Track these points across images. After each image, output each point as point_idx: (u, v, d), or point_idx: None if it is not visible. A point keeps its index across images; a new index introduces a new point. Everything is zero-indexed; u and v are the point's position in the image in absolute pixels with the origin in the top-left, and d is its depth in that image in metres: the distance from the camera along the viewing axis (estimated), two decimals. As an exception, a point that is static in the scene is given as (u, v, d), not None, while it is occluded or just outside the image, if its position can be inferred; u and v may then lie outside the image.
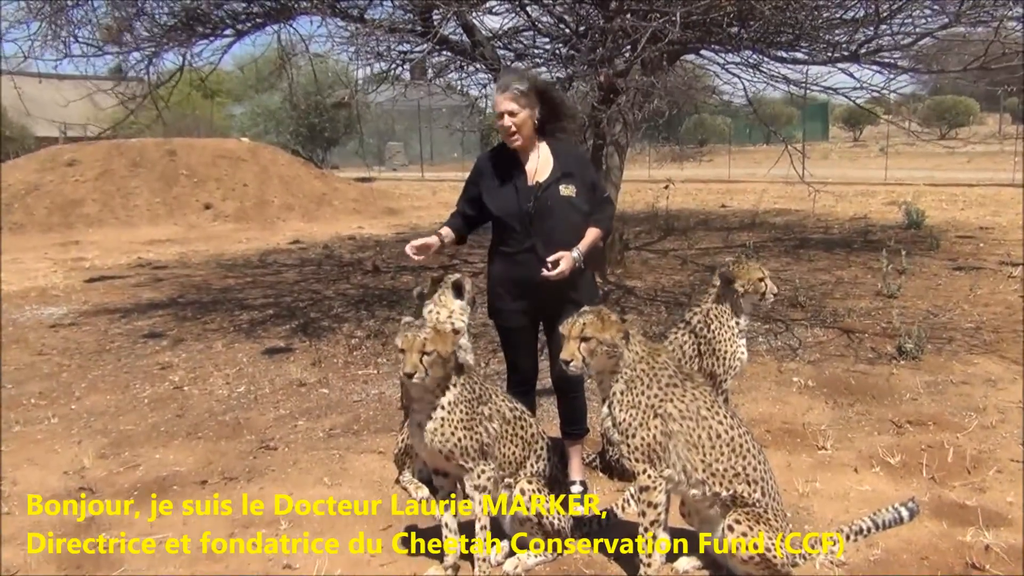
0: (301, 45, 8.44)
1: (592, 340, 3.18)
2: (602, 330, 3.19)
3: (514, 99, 3.83)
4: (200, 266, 11.76)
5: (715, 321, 4.18)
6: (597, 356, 3.20)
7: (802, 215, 14.67)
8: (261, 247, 13.57)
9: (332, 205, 18.07)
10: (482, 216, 4.02)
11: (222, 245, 13.94)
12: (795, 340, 6.76)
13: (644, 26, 6.24)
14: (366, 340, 7.26)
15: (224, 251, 13.24)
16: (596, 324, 3.20)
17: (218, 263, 11.98)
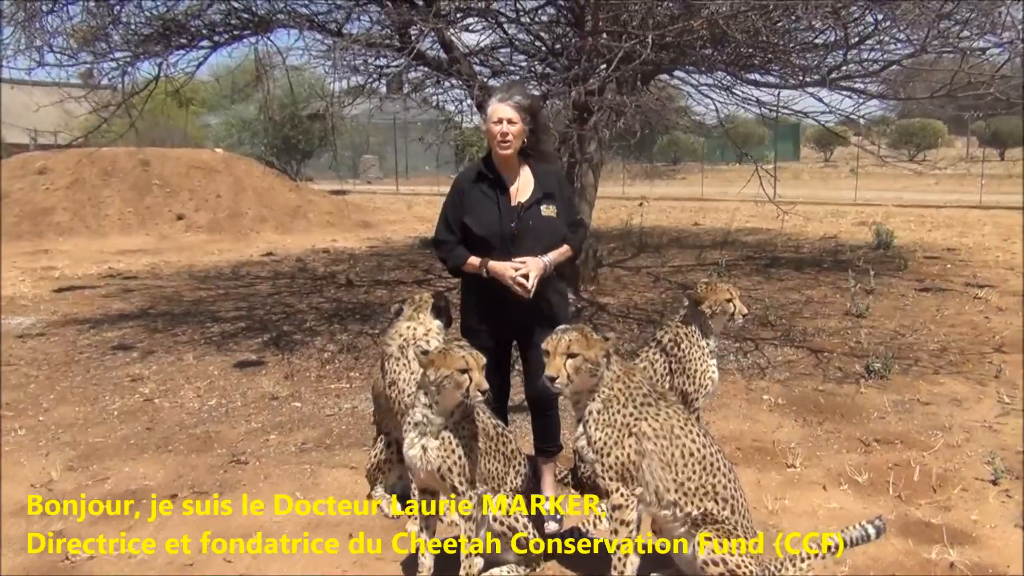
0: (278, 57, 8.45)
1: (578, 357, 3.20)
2: (587, 348, 3.22)
3: (516, 109, 3.86)
4: (172, 277, 11.66)
5: (685, 341, 4.22)
6: (581, 374, 3.22)
7: (773, 234, 14.84)
8: (234, 259, 13.48)
9: (306, 218, 17.99)
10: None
11: (194, 256, 13.83)
12: (765, 359, 6.83)
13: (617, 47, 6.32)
14: (339, 354, 7.23)
15: (196, 262, 13.14)
16: (581, 342, 3.23)
17: (190, 274, 11.88)
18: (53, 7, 7.55)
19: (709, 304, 4.18)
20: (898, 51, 7.44)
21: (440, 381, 3.19)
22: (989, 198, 20.19)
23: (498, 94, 3.97)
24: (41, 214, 16.25)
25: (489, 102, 3.97)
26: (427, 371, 3.24)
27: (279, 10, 7.65)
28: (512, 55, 9.07)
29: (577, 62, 6.90)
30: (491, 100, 3.96)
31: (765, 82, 8.49)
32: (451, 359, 3.20)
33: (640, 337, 7.24)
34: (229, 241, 15.73)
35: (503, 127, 3.85)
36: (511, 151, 3.90)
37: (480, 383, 3.18)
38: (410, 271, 11.64)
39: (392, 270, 11.83)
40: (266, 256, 13.77)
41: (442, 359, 3.22)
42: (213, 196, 17.71)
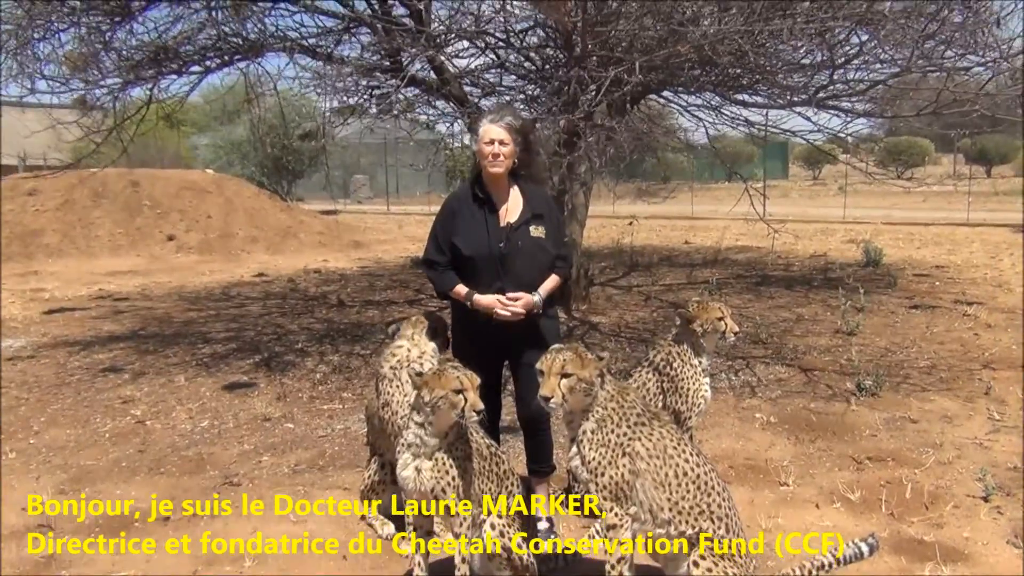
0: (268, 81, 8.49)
1: (573, 377, 3.22)
2: (581, 367, 3.24)
3: (507, 130, 3.92)
4: (162, 298, 11.64)
5: (677, 360, 4.25)
6: (575, 394, 3.24)
7: (763, 252, 14.93)
8: (225, 280, 13.47)
9: (297, 238, 18.01)
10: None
11: (185, 277, 13.81)
12: (756, 377, 6.87)
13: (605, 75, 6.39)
14: (331, 375, 7.23)
15: (187, 283, 13.12)
16: (576, 361, 3.25)
17: (181, 295, 11.87)
18: (44, 34, 7.58)
19: (700, 323, 4.21)
20: (883, 71, 7.54)
21: (435, 402, 3.20)
22: (976, 215, 20.37)
23: (490, 115, 4.03)
24: (31, 236, 16.23)
25: (481, 122, 4.03)
26: (421, 392, 3.25)
27: (270, 35, 7.69)
28: (502, 76, 9.15)
29: (567, 85, 6.97)
30: (483, 120, 4.02)
31: (753, 102, 8.58)
32: (446, 379, 3.22)
33: (632, 356, 7.27)
34: (220, 262, 15.72)
35: (495, 147, 3.90)
36: (502, 170, 3.95)
37: (475, 403, 3.20)
38: (402, 291, 11.65)
39: (384, 290, 11.85)
40: (257, 277, 13.76)
41: (436, 380, 3.24)
42: (204, 217, 17.71)
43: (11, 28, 7.44)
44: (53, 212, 16.91)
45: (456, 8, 7.88)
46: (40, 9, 7.20)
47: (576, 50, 7.18)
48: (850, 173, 25.29)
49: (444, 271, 4.00)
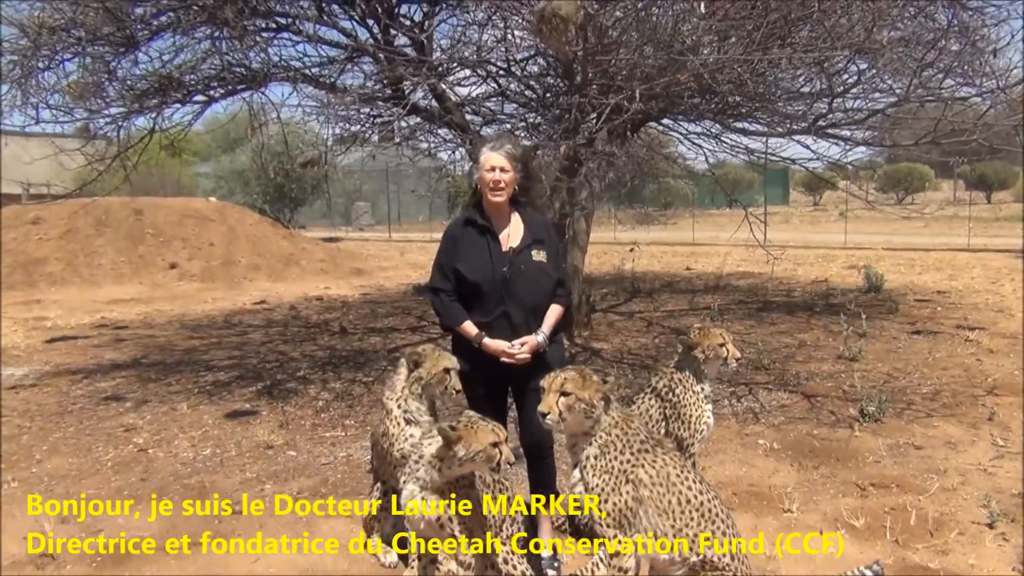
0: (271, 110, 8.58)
1: (571, 396, 3.24)
2: (582, 388, 3.26)
3: (508, 158, 3.99)
4: (164, 326, 11.66)
5: (680, 386, 4.26)
6: (574, 413, 3.25)
7: (764, 278, 14.95)
8: (227, 307, 13.49)
9: (299, 265, 18.06)
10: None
11: (187, 305, 13.84)
12: (759, 403, 6.86)
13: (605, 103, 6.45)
14: (333, 402, 7.24)
15: (189, 311, 13.14)
16: (577, 381, 3.27)
17: (183, 323, 11.89)
18: (49, 64, 7.66)
19: (702, 349, 4.23)
20: (882, 99, 7.60)
21: (471, 456, 3.19)
22: (977, 241, 20.42)
23: (490, 143, 4.09)
24: (34, 264, 16.28)
25: (481, 151, 4.08)
26: (455, 447, 3.21)
27: (273, 65, 7.78)
28: (503, 104, 9.23)
29: (567, 113, 7.03)
30: (483, 149, 4.08)
31: (753, 130, 8.64)
32: (483, 434, 3.20)
33: (634, 383, 7.27)
34: (222, 289, 15.76)
35: (496, 175, 3.95)
36: (503, 198, 4.00)
37: (509, 456, 3.21)
38: (404, 318, 11.67)
39: (386, 317, 11.86)
40: (259, 304, 13.79)
41: (473, 435, 3.20)
42: (206, 244, 17.79)
43: (16, 58, 7.53)
44: (56, 240, 16.98)
45: (458, 38, 7.99)
46: (46, 39, 7.29)
47: (577, 79, 7.26)
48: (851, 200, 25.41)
49: (451, 302, 4.03)
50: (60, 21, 7.27)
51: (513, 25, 7.50)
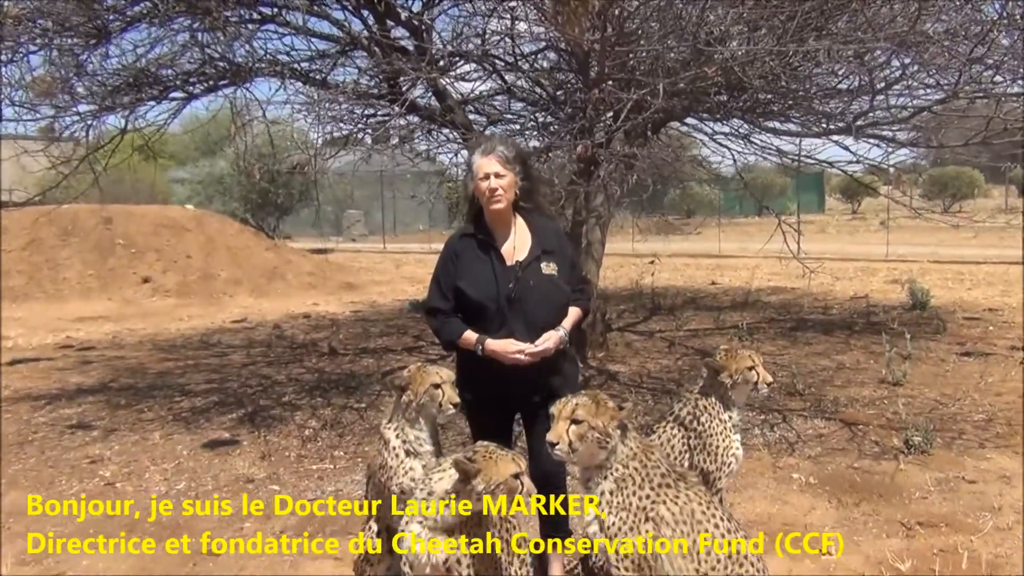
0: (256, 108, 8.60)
1: (583, 424, 3.22)
2: (595, 415, 3.24)
3: (501, 162, 3.94)
4: (135, 347, 11.68)
5: (705, 414, 4.24)
6: (587, 443, 3.23)
7: (798, 294, 14.93)
8: (204, 325, 13.52)
9: (284, 279, 18.10)
10: None
11: (161, 323, 13.87)
12: (793, 432, 6.83)
13: (626, 97, 6.45)
14: (321, 431, 7.23)
15: (163, 330, 13.17)
16: (590, 407, 3.24)
17: (156, 343, 11.91)
18: (12, 57, 7.70)
19: (730, 373, 4.21)
20: (928, 96, 7.59)
21: (492, 489, 3.18)
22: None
23: (479, 148, 4.05)
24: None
25: (472, 159, 4.05)
26: (474, 481, 3.19)
27: (259, 59, 7.81)
28: (510, 102, 9.26)
29: (582, 111, 7.05)
30: (473, 156, 4.04)
31: (785, 130, 8.65)
32: (502, 464, 3.19)
33: (655, 409, 7.24)
34: (200, 306, 15.79)
35: (491, 182, 3.92)
36: (504, 205, 3.96)
37: (531, 488, 3.21)
38: (399, 338, 11.67)
39: (380, 336, 11.86)
40: (240, 322, 13.81)
41: (492, 466, 3.18)
42: (182, 257, 17.84)
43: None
44: (18, 252, 17.03)
45: (460, 30, 8.01)
46: (9, 30, 7.32)
47: (592, 73, 7.27)
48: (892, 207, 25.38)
49: (448, 318, 4.00)
50: (24, 10, 7.31)
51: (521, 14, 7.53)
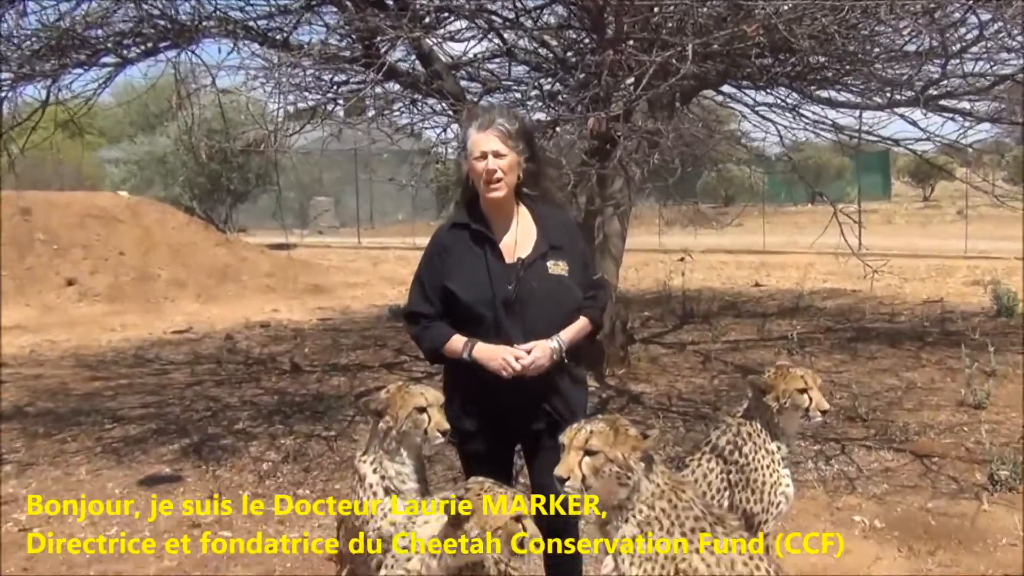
0: (204, 75, 8.58)
1: (599, 455, 3.20)
2: (613, 444, 3.22)
3: (501, 138, 3.88)
4: (58, 363, 11.68)
5: (748, 444, 4.22)
6: (603, 479, 3.21)
7: (859, 298, 14.91)
8: (141, 337, 13.51)
9: (238, 281, 18.11)
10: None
11: (89, 334, 13.87)
12: (854, 466, 6.82)
13: (649, 61, 6.43)
14: (282, 464, 7.22)
15: (91, 342, 13.17)
16: (607, 436, 3.23)
17: (82, 359, 11.90)
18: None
19: (778, 395, 4.19)
20: (1012, 62, 7.58)
21: (488, 535, 3.17)
22: None
23: (475, 121, 3.99)
24: None
25: (467, 133, 4.00)
26: (466, 524, 3.19)
27: (206, 16, 7.80)
28: (510, 67, 9.25)
29: (596, 77, 7.03)
30: (469, 130, 3.98)
31: (842, 101, 8.64)
32: (501, 505, 3.18)
33: (687, 438, 7.24)
34: (135, 313, 15.80)
35: (489, 162, 3.87)
36: (503, 192, 3.92)
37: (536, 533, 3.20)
38: (377, 352, 11.66)
39: (353, 350, 11.86)
40: (184, 333, 13.81)
41: (488, 507, 3.18)
42: (115, 254, 17.85)
43: None
44: (-83, 249, 17.06)
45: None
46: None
47: (609, 31, 7.26)
48: (972, 193, 25.35)
49: (431, 324, 3.97)
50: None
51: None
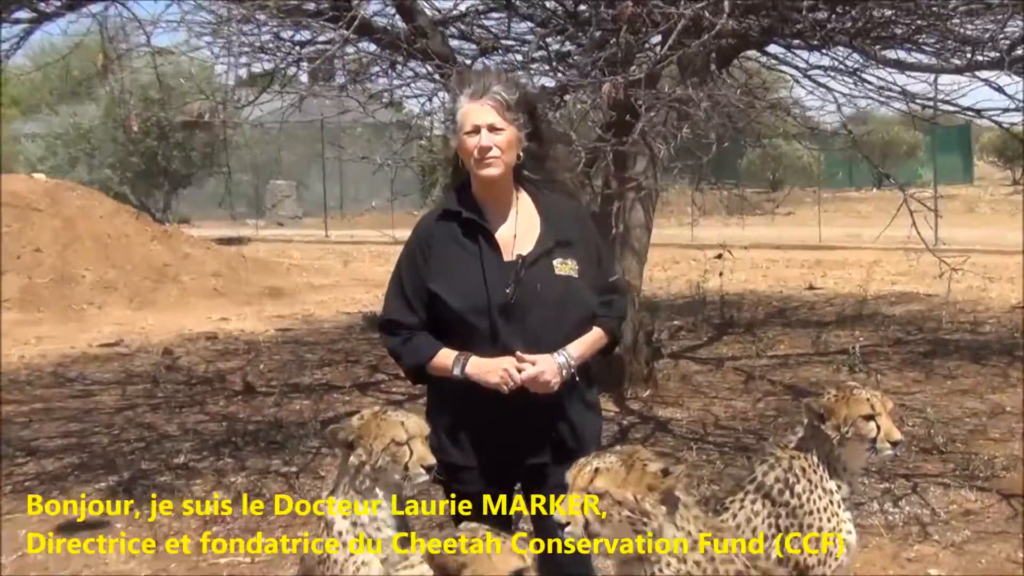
0: (137, 32, 8.59)
1: (606, 498, 3.17)
2: (623, 483, 3.17)
3: (498, 108, 3.83)
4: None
5: (801, 482, 4.21)
6: (613, 525, 3.18)
7: (935, 303, 14.87)
8: (60, 351, 13.51)
9: (179, 282, 18.12)
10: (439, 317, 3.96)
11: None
12: (928, 508, 6.81)
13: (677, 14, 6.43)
14: (233, 506, 7.20)
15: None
16: (616, 472, 3.19)
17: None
18: None
19: (838, 423, 4.17)
20: None
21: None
22: None
23: (467, 89, 3.96)
24: None
25: (457, 102, 3.98)
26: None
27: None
28: (510, 23, 9.24)
29: (614, 34, 7.03)
30: (459, 98, 3.95)
31: (914, 63, 8.62)
32: (498, 557, 3.17)
33: (726, 474, 7.23)
34: (53, 322, 15.81)
35: (482, 138, 3.85)
36: (499, 171, 3.89)
37: None
38: (348, 369, 11.65)
39: (319, 368, 11.85)
40: (113, 346, 13.81)
41: (481, 559, 3.18)
42: (29, 251, 17.86)
43: None
44: None
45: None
46: None
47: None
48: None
49: (413, 336, 3.96)
50: None
51: None
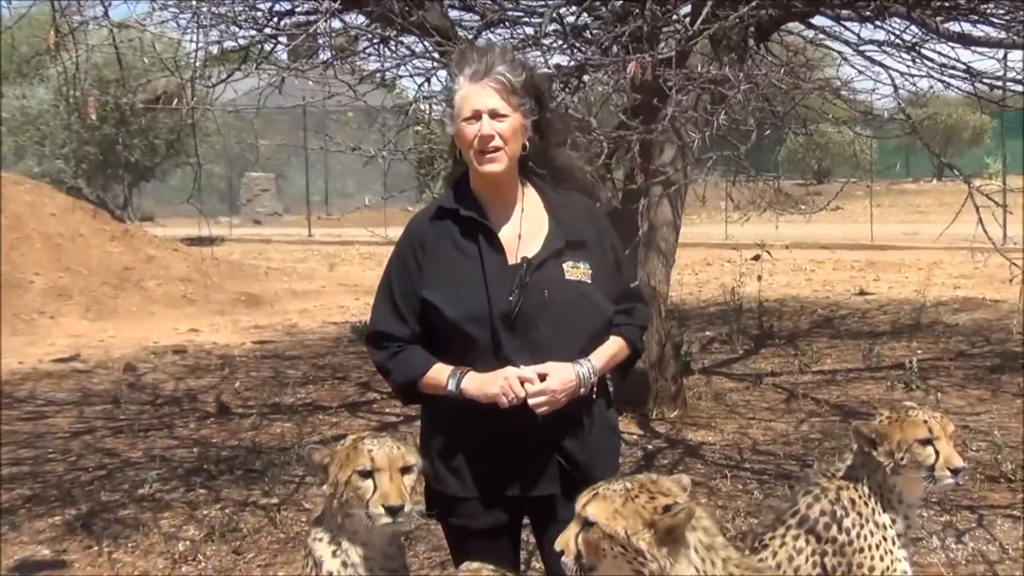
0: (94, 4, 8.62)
1: (595, 529, 3.17)
2: (614, 515, 3.16)
3: (502, 92, 3.83)
4: None
5: (851, 515, 4.22)
6: (605, 560, 3.18)
7: (1003, 311, 14.85)
8: (9, 368, 13.52)
9: (143, 289, 18.16)
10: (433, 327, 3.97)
11: (-64, 364, 13.94)
12: (996, 544, 6.81)
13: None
14: (204, 544, 7.22)
15: (-61, 375, 13.23)
16: (609, 503, 3.16)
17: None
18: None
19: (892, 448, 4.18)
20: None
21: None
22: None
23: (467, 69, 3.95)
24: None
25: (454, 86, 3.97)
26: None
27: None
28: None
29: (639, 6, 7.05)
30: (456, 82, 3.95)
31: (980, 37, 8.63)
32: None
33: (764, 505, 7.23)
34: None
35: (483, 125, 3.84)
36: (503, 166, 3.89)
37: None
38: (335, 387, 11.66)
39: (303, 385, 11.86)
40: (68, 361, 13.84)
41: None
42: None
43: None
44: None
45: None
46: None
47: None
48: None
49: (404, 349, 3.97)
50: None
51: None
